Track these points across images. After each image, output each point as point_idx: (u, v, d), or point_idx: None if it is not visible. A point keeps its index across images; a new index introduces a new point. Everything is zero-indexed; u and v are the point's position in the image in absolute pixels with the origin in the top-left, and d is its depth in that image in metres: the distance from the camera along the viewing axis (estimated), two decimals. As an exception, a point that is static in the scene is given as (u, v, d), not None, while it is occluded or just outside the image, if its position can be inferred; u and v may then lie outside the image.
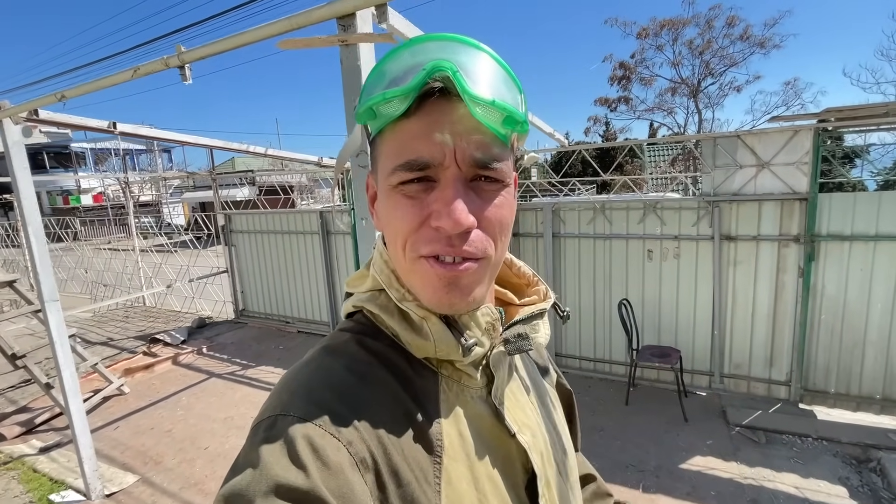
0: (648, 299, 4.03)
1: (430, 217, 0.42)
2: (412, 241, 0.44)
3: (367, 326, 0.50)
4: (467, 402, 0.48)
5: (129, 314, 7.63)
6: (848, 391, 3.50)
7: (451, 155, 0.41)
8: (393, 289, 0.49)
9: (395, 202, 0.44)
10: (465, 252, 0.43)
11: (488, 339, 0.49)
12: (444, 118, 0.41)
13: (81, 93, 1.91)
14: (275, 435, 0.38)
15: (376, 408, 0.42)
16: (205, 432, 3.74)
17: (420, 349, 0.47)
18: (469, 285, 0.44)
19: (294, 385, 0.43)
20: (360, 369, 0.45)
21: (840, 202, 3.33)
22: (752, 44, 12.93)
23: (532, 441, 0.50)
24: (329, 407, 0.40)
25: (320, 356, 0.47)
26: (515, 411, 0.51)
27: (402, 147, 0.43)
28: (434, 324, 0.46)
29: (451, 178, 0.42)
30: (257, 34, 1.38)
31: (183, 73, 1.63)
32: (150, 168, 26.11)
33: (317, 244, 5.82)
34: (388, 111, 0.42)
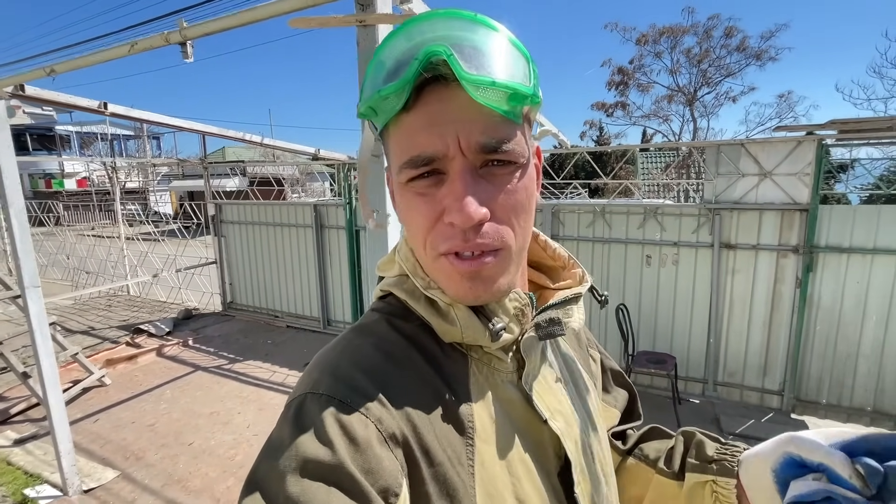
0: (645, 305, 4.01)
1: (444, 213, 0.41)
2: (431, 240, 0.43)
3: (397, 308, 0.50)
4: (498, 386, 0.47)
5: (112, 303, 7.42)
6: (839, 402, 3.53)
7: (455, 145, 0.39)
8: (418, 277, 0.48)
9: (409, 200, 0.44)
10: (479, 245, 0.41)
11: (517, 324, 0.48)
12: (445, 106, 0.39)
13: (73, 67, 1.80)
14: (303, 413, 0.39)
15: (406, 387, 0.42)
16: (189, 427, 3.62)
17: (447, 334, 0.47)
18: (492, 276, 0.43)
19: (324, 364, 0.43)
20: (389, 349, 0.45)
21: (840, 214, 3.34)
22: (749, 55, 13.09)
23: (566, 428, 0.49)
24: (357, 385, 0.40)
25: (351, 335, 0.47)
26: (548, 397, 0.50)
27: (405, 143, 0.42)
28: (461, 310, 0.46)
29: (458, 170, 0.40)
30: (268, 10, 1.30)
31: (184, 49, 1.54)
32: (139, 154, 25.56)
33: (310, 238, 5.71)
34: (387, 107, 0.41)
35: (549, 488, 0.46)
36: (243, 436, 3.49)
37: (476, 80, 0.37)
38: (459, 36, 0.39)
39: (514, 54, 0.41)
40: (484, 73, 0.38)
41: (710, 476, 0.55)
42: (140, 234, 7.99)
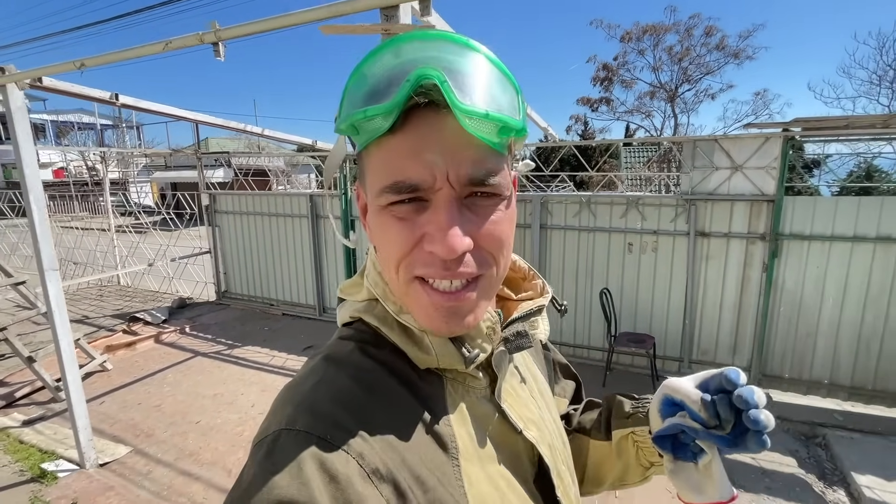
0: (627, 289, 4.29)
1: (424, 239, 0.40)
2: (406, 264, 0.42)
3: (368, 334, 0.48)
4: (473, 403, 0.48)
5: (104, 293, 7.43)
6: (800, 376, 3.87)
7: (442, 176, 0.39)
8: (389, 302, 0.47)
9: (386, 223, 0.42)
10: (460, 274, 0.41)
11: (489, 342, 0.48)
12: (433, 134, 0.38)
13: (104, 62, 1.94)
14: (279, 450, 0.36)
15: (386, 417, 0.41)
16: (195, 407, 3.77)
17: (422, 361, 0.46)
18: (470, 309, 0.43)
19: (298, 398, 0.41)
20: (366, 379, 0.43)
21: (802, 205, 3.65)
22: (727, 54, 13.55)
23: (539, 435, 0.51)
24: (335, 419, 0.39)
25: (323, 367, 0.45)
26: (519, 408, 0.51)
27: (388, 166, 0.40)
28: (433, 337, 0.45)
29: (443, 200, 0.39)
30: (301, 17, 1.47)
31: (217, 49, 1.70)
32: (118, 144, 24.96)
33: (305, 227, 5.85)
34: (372, 128, 0.39)
35: (531, 495, 0.48)
36: (249, 414, 3.66)
37: (470, 111, 0.36)
38: (451, 60, 0.38)
39: (506, 85, 0.40)
40: (478, 102, 0.37)
41: (629, 428, 0.61)
42: (131, 225, 7.97)
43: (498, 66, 0.40)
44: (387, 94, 0.37)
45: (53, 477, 2.83)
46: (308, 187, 16.45)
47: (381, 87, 0.38)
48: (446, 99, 0.36)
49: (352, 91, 0.40)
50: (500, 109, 0.38)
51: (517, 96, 0.41)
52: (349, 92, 0.41)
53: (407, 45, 0.39)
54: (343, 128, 0.41)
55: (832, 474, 2.91)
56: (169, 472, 2.96)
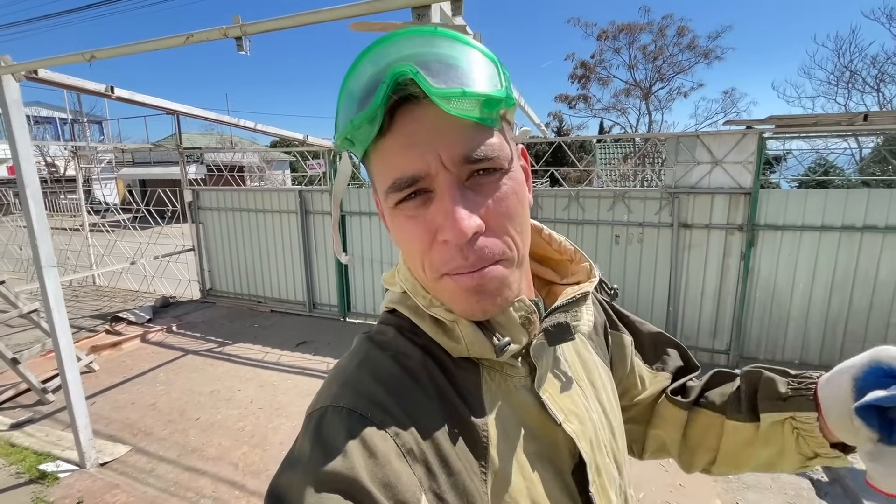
0: (614, 278, 4.49)
1: (437, 231, 0.41)
2: (429, 263, 0.44)
3: (406, 322, 0.50)
4: (510, 392, 0.48)
5: (79, 293, 7.17)
6: (773, 357, 4.15)
7: (436, 161, 0.40)
8: (419, 296, 0.48)
9: (399, 224, 0.44)
10: (479, 262, 0.42)
11: (524, 333, 0.48)
12: (420, 125, 0.40)
13: (117, 54, 1.92)
14: (324, 425, 0.40)
15: (423, 400, 0.43)
16: (192, 404, 3.74)
17: (454, 350, 0.47)
18: (497, 288, 0.43)
19: (344, 377, 0.44)
20: (406, 363, 0.45)
21: (776, 197, 3.91)
22: (698, 54, 14.11)
23: (580, 429, 0.49)
24: (377, 399, 0.41)
25: (367, 348, 0.48)
26: (561, 399, 0.50)
27: (386, 167, 0.42)
28: (465, 326, 0.46)
29: (444, 185, 0.40)
30: (333, 14, 1.52)
31: (240, 43, 1.72)
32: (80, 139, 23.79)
33: (293, 223, 5.81)
34: (363, 135, 0.41)
35: (563, 487, 0.47)
36: (248, 409, 3.66)
37: (445, 92, 0.37)
38: (424, 52, 0.39)
39: (482, 61, 0.41)
40: (453, 84, 0.38)
41: (788, 413, 0.53)
42: (108, 224, 7.70)
43: (471, 45, 0.41)
44: (368, 101, 0.39)
45: (54, 477, 2.77)
46: (283, 183, 16.18)
47: (364, 95, 0.39)
48: (422, 88, 0.37)
49: (342, 107, 0.42)
50: (479, 85, 0.39)
51: (496, 69, 0.42)
52: (340, 108, 0.42)
53: (381, 49, 0.41)
54: (339, 143, 0.43)
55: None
56: (174, 469, 2.94)
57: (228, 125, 3.90)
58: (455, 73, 0.39)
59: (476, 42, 0.42)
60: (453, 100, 0.38)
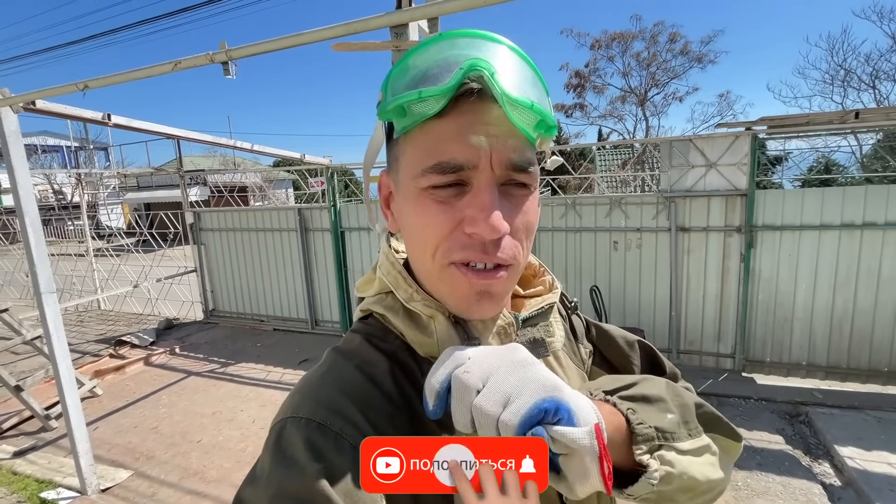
0: (615, 285, 4.46)
1: (463, 222, 0.41)
2: (444, 248, 0.43)
3: (376, 328, 0.50)
4: None
5: (84, 318, 7.22)
6: (780, 359, 4.09)
7: (486, 158, 0.40)
8: (400, 289, 0.49)
9: (424, 207, 0.43)
10: (498, 259, 0.42)
11: (498, 342, 0.48)
12: (479, 119, 0.40)
13: (110, 83, 1.97)
14: (283, 437, 0.40)
15: (387, 407, 0.43)
16: (194, 427, 3.73)
17: (424, 346, 0.47)
18: (500, 293, 0.44)
19: (306, 388, 0.45)
20: (371, 371, 0.45)
21: (772, 197, 3.90)
22: (691, 59, 14.22)
23: None
24: (337, 407, 0.41)
25: (332, 358, 0.48)
26: None
27: (433, 148, 0.41)
28: (440, 323, 0.47)
29: (485, 183, 0.41)
30: (314, 36, 1.55)
31: (227, 68, 1.76)
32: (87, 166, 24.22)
33: (294, 241, 5.84)
34: (421, 110, 0.40)
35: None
36: (250, 430, 3.64)
37: (517, 100, 0.38)
38: (497, 55, 0.41)
39: (540, 86, 0.43)
40: (523, 95, 0.39)
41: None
42: (112, 248, 7.78)
43: (534, 68, 0.44)
44: (439, 80, 0.39)
45: (55, 505, 2.76)
46: (286, 202, 16.34)
47: (432, 74, 0.40)
48: (496, 87, 0.38)
49: (396, 78, 0.42)
50: (542, 106, 0.41)
51: (547, 98, 0.44)
52: (393, 79, 0.43)
53: (455, 39, 0.42)
54: (391, 109, 0.42)
55: (817, 448, 3.10)
56: (174, 493, 2.92)
57: (226, 147, 3.96)
58: (522, 86, 0.40)
59: (538, 69, 0.44)
60: (519, 108, 0.39)
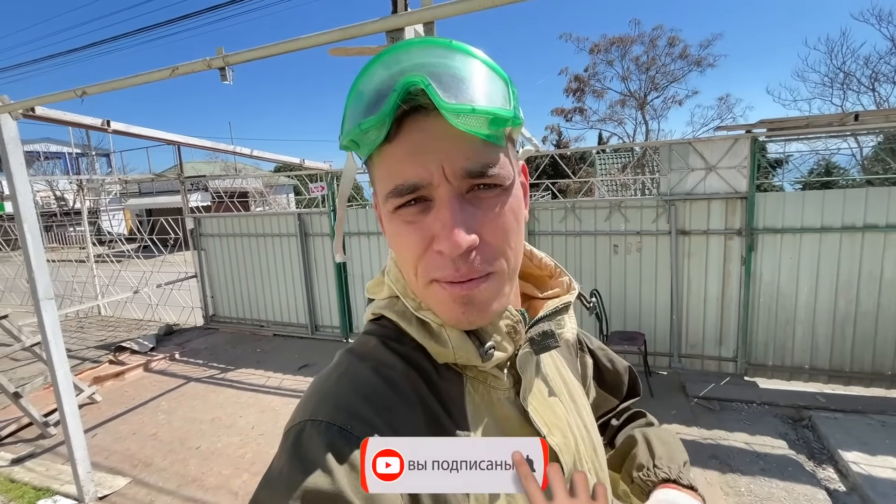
0: (615, 289, 4.44)
1: (433, 240, 0.41)
2: (421, 267, 0.43)
3: (390, 330, 0.50)
4: (494, 405, 0.48)
5: (84, 324, 7.22)
6: (783, 363, 4.05)
7: (439, 173, 0.40)
8: (409, 298, 0.48)
9: (397, 228, 0.44)
10: (469, 273, 0.41)
11: (510, 342, 0.48)
12: (426, 135, 0.40)
13: (107, 89, 1.97)
14: (303, 440, 0.39)
15: (404, 411, 0.43)
16: (193, 433, 3.71)
17: (440, 355, 0.47)
18: (485, 300, 0.43)
19: (323, 391, 0.44)
20: (387, 373, 0.45)
21: (772, 200, 3.89)
22: (690, 62, 14.27)
23: (563, 442, 0.50)
24: (356, 411, 0.41)
25: (347, 360, 0.47)
26: (544, 412, 0.50)
27: (389, 172, 0.42)
28: (452, 331, 0.46)
29: (445, 197, 0.40)
30: (310, 41, 1.55)
31: (224, 73, 1.76)
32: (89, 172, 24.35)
33: (294, 246, 5.84)
34: (369, 140, 0.41)
35: None
36: (249, 436, 3.62)
37: (455, 108, 0.37)
38: (436, 63, 0.39)
39: (493, 78, 0.41)
40: (463, 100, 0.38)
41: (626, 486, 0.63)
42: (112, 254, 7.79)
43: (484, 62, 0.41)
44: (378, 107, 0.39)
45: (52, 513, 2.74)
46: (287, 207, 16.38)
47: (374, 100, 0.39)
48: (432, 100, 0.37)
49: (350, 108, 0.42)
50: (489, 103, 0.39)
51: (507, 87, 0.42)
52: (348, 109, 0.42)
53: (394, 55, 0.41)
54: (345, 143, 0.43)
55: (820, 453, 3.06)
56: (172, 500, 2.90)
57: (225, 153, 3.97)
58: (466, 88, 0.39)
59: (489, 59, 0.42)
60: (462, 115, 0.38)
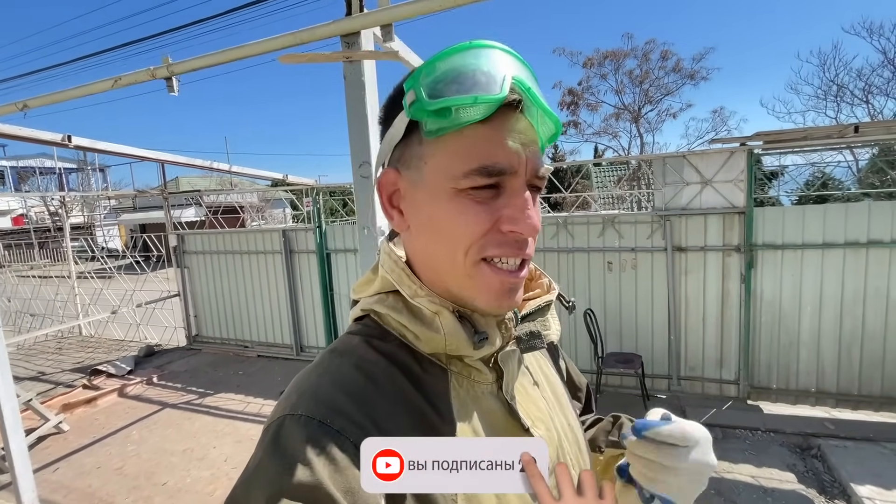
0: (610, 308, 4.26)
1: (500, 221, 0.44)
2: (479, 245, 0.44)
3: (374, 329, 0.50)
4: (478, 398, 0.48)
5: (63, 345, 6.97)
6: (787, 386, 3.85)
7: (522, 163, 0.43)
8: (405, 286, 0.49)
9: (463, 206, 0.44)
10: (527, 255, 0.46)
11: (499, 336, 0.49)
12: (514, 128, 0.43)
13: (50, 102, 1.82)
14: (282, 435, 0.39)
15: (386, 406, 0.43)
16: (161, 467, 3.46)
17: (429, 342, 0.47)
18: (521, 289, 0.47)
19: (303, 386, 0.44)
20: (369, 369, 0.45)
21: (772, 215, 3.73)
22: (684, 75, 14.29)
23: (546, 435, 0.51)
24: (336, 405, 0.41)
25: (329, 358, 0.47)
26: (528, 406, 0.52)
27: (475, 151, 0.43)
28: (446, 318, 0.46)
29: (520, 186, 0.44)
30: (258, 48, 1.40)
31: (170, 84, 1.61)
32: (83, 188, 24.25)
33: (279, 264, 5.65)
34: (470, 115, 0.41)
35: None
36: (221, 469, 3.38)
37: (550, 114, 0.44)
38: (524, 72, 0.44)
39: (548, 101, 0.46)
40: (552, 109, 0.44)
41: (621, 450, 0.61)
42: (94, 271, 7.58)
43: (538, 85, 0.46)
44: (488, 88, 0.41)
45: (-6, 564, 2.49)
46: (283, 221, 16.23)
47: (480, 81, 0.41)
48: (534, 102, 0.43)
49: (434, 80, 0.42)
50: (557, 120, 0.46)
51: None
52: (429, 79, 0.43)
53: (490, 51, 0.44)
54: (434, 110, 0.42)
55: (832, 487, 2.85)
56: (130, 546, 2.66)
57: (202, 168, 3.81)
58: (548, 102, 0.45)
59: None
60: (544, 119, 0.44)
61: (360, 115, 1.34)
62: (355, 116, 1.33)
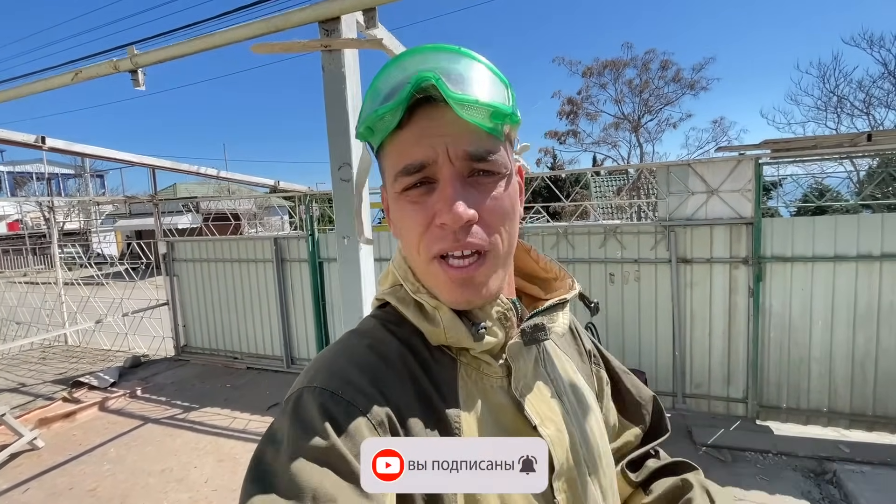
0: (612, 321, 4.09)
1: (435, 217, 0.45)
2: (424, 243, 0.47)
3: (392, 315, 0.53)
4: (487, 392, 0.49)
5: (47, 355, 6.75)
6: (798, 405, 3.68)
7: (444, 154, 0.44)
8: (408, 282, 0.52)
9: (403, 209, 0.47)
10: (469, 245, 0.45)
11: (501, 328, 0.50)
12: (434, 122, 0.44)
13: (9, 98, 1.67)
14: (300, 404, 0.42)
15: (396, 385, 0.45)
16: (137, 489, 3.26)
17: (433, 335, 0.49)
18: (481, 282, 0.47)
19: (321, 362, 0.47)
20: (382, 349, 0.48)
21: (781, 226, 3.59)
22: (684, 85, 14.29)
23: (556, 435, 0.50)
24: (349, 378, 0.43)
25: (347, 337, 0.51)
26: (539, 405, 0.51)
27: (399, 155, 0.46)
28: (445, 312, 0.48)
29: (448, 177, 0.44)
30: (229, 36, 1.26)
31: (135, 77, 1.46)
32: (81, 193, 24.12)
33: (270, 273, 5.48)
34: (383, 126, 0.45)
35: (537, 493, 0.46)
36: (201, 492, 3.18)
37: (461, 98, 0.42)
38: (446, 66, 0.44)
39: (494, 80, 0.46)
40: (468, 93, 0.43)
41: None
42: (82, 278, 7.39)
43: (487, 66, 0.46)
44: (393, 96, 0.44)
45: None
46: (281, 229, 16.09)
47: (389, 94, 0.44)
48: (441, 91, 0.42)
49: (368, 102, 0.47)
50: (491, 98, 0.44)
51: (507, 90, 0.46)
52: (366, 103, 0.47)
53: (409, 59, 0.46)
54: (361, 130, 0.47)
55: (851, 516, 2.67)
56: (96, 579, 2.46)
57: (188, 173, 3.66)
58: (471, 85, 0.44)
59: (492, 64, 0.47)
60: (466, 106, 0.43)
61: (341, 112, 1.19)
62: (335, 112, 1.19)
